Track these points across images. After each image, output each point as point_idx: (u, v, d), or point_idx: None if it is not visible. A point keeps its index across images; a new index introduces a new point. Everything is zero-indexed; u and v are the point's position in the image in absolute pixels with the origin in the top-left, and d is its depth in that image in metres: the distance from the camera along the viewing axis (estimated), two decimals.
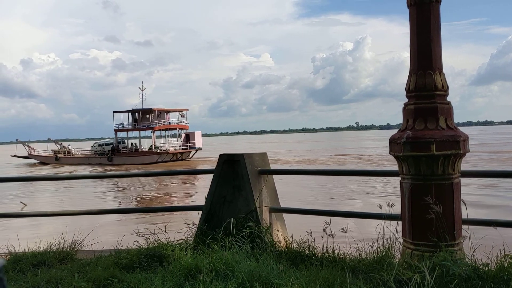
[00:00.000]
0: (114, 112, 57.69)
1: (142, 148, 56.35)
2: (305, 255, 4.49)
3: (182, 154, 54.37)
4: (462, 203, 3.88)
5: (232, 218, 4.88)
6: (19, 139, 63.31)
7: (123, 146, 57.67)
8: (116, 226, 13.27)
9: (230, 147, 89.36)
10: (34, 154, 60.63)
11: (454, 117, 3.90)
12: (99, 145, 59.47)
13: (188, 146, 54.98)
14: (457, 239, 3.79)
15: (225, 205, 5.13)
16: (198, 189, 25.04)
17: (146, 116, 56.16)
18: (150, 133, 55.61)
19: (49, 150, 59.39)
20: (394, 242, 4.17)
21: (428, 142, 3.69)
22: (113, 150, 56.32)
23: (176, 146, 55.30)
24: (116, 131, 57.53)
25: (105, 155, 55.39)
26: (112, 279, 4.06)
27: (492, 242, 3.99)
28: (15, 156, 61.36)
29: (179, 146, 55.18)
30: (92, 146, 60.15)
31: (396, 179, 4.16)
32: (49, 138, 63.24)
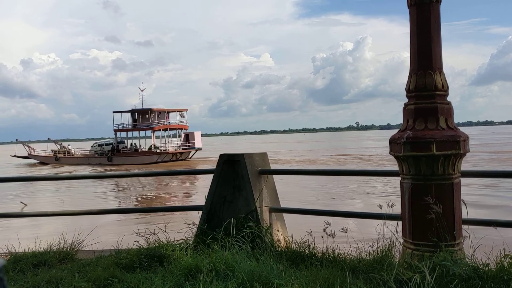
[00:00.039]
0: (113, 112, 57.77)
1: (142, 148, 56.36)
2: (305, 255, 4.49)
3: (181, 154, 54.41)
4: (462, 203, 3.88)
5: (232, 218, 4.88)
6: (19, 139, 63.44)
7: (122, 146, 57.70)
8: (116, 226, 13.27)
9: (230, 147, 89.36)
10: (34, 154, 60.66)
11: (454, 117, 3.91)
12: (99, 145, 59.50)
13: (187, 146, 55.03)
14: (457, 239, 3.79)
15: (225, 205, 5.13)
16: (198, 189, 25.04)
17: (146, 116, 56.22)
18: (150, 133, 55.68)
19: (49, 150, 59.42)
20: (394, 242, 4.17)
21: (428, 142, 3.69)
22: (112, 150, 56.36)
23: (175, 146, 55.32)
24: (115, 131, 57.57)
25: (105, 155, 55.42)
26: (112, 279, 4.06)
27: (492, 242, 3.99)
28: (15, 156, 61.42)
29: (179, 146, 55.20)
30: (92, 146, 60.18)
31: (397, 179, 4.16)
32: (49, 138, 63.27)
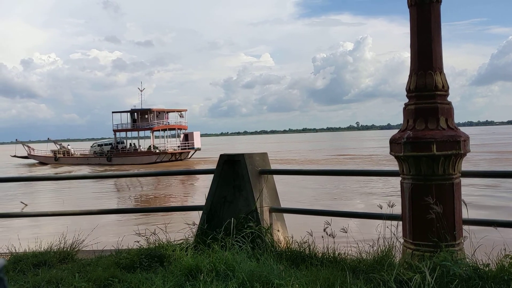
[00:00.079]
0: (113, 112, 57.78)
1: (141, 148, 56.37)
2: (305, 255, 4.49)
3: (181, 154, 54.45)
4: (462, 203, 3.88)
5: (232, 218, 4.88)
6: (20, 139, 63.46)
7: (122, 146, 57.70)
8: (116, 226, 13.28)
9: (230, 147, 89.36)
10: (34, 154, 60.66)
11: (455, 117, 3.91)
12: (98, 145, 59.52)
13: (187, 146, 55.07)
14: (457, 239, 3.79)
15: (225, 205, 5.13)
16: (197, 189, 25.04)
17: (145, 116, 56.25)
18: (149, 133, 55.68)
19: (49, 150, 59.42)
20: (395, 242, 4.17)
21: (428, 142, 3.69)
22: (112, 150, 56.37)
23: (175, 146, 55.34)
24: (115, 131, 57.58)
25: (104, 155, 55.44)
26: (113, 279, 4.06)
27: (493, 243, 3.99)
28: (14, 156, 61.43)
29: (178, 146, 55.23)
30: (91, 146, 60.19)
31: (397, 179, 4.16)
32: (48, 138, 63.26)
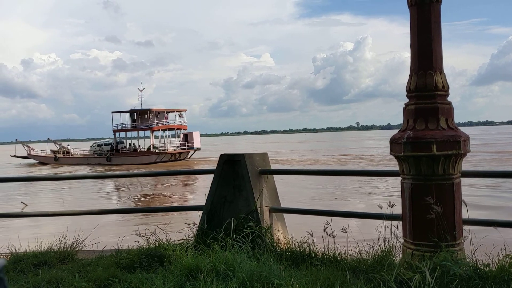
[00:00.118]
0: (113, 112, 57.78)
1: (141, 148, 56.38)
2: (305, 255, 4.49)
3: (180, 154, 54.47)
4: (462, 203, 3.88)
5: (232, 218, 4.88)
6: (20, 139, 63.48)
7: (121, 146, 57.70)
8: (116, 226, 13.28)
9: (230, 147, 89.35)
10: (33, 154, 60.66)
11: (455, 117, 3.91)
12: (98, 145, 59.53)
13: (186, 146, 55.08)
14: (457, 239, 3.79)
15: (225, 205, 5.13)
16: (197, 189, 25.05)
17: (145, 116, 56.25)
18: (149, 133, 55.68)
19: (48, 150, 59.42)
20: (395, 242, 4.17)
21: (428, 142, 3.69)
22: (111, 150, 56.38)
23: (174, 146, 55.35)
24: (114, 131, 57.59)
25: (104, 155, 55.45)
26: (113, 279, 4.06)
27: (493, 243, 3.99)
28: (14, 156, 61.43)
29: (178, 146, 55.25)
30: (91, 146, 60.21)
31: (397, 179, 4.16)
32: (48, 138, 63.27)
